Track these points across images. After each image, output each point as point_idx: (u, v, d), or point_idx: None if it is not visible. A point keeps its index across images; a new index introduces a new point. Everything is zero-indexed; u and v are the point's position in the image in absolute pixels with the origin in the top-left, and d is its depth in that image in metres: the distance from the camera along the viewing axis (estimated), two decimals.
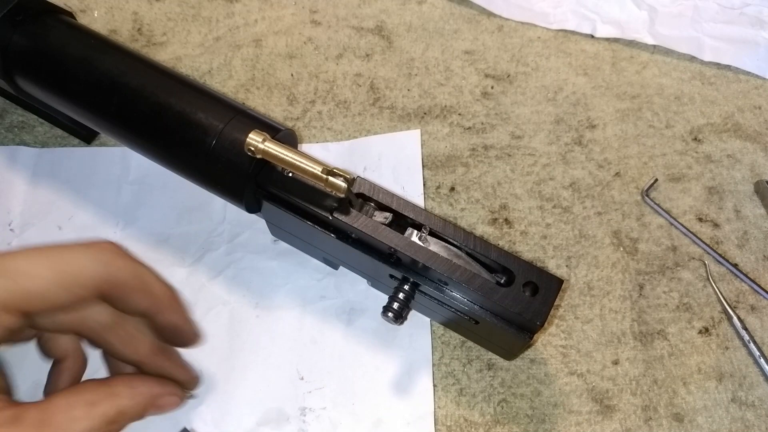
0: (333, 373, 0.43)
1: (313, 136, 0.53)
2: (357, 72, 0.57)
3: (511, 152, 0.52)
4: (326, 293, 0.46)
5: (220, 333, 0.44)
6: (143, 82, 0.41)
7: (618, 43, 0.59)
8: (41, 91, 0.44)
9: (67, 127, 0.52)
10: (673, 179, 0.52)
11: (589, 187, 0.51)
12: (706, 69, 0.58)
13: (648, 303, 0.46)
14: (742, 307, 0.46)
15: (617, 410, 0.42)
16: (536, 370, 0.44)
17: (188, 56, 0.57)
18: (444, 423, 0.42)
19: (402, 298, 0.39)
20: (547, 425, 0.42)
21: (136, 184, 0.50)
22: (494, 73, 0.57)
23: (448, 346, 0.44)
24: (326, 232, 0.39)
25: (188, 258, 0.47)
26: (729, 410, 0.42)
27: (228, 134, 0.38)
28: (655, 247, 0.48)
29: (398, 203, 0.39)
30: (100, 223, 0.48)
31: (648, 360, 0.44)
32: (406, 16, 0.60)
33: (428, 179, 0.51)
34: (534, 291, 0.36)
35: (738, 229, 0.49)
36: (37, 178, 0.50)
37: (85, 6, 0.60)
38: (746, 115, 0.55)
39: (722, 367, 0.44)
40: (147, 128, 0.41)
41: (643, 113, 0.55)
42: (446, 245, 0.38)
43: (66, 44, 0.43)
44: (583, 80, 0.57)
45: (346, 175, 0.35)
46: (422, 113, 0.54)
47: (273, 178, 0.39)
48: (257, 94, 0.55)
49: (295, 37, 0.59)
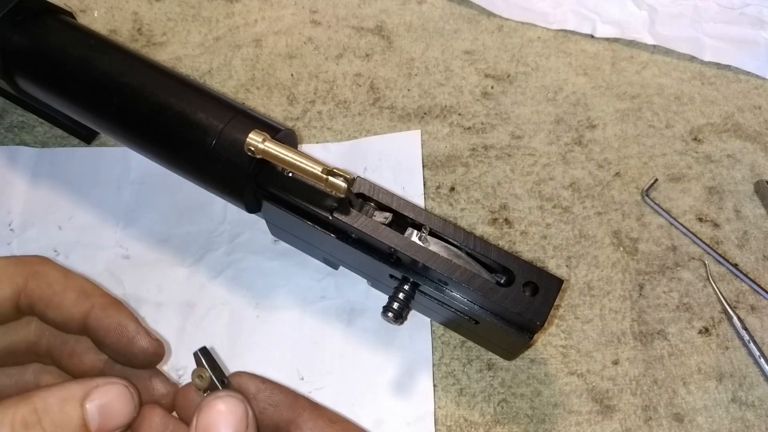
0: (333, 373, 0.43)
1: (313, 136, 0.53)
2: (357, 72, 0.57)
3: (511, 152, 0.52)
4: (326, 293, 0.46)
5: (220, 333, 0.44)
6: (143, 82, 0.41)
7: (618, 43, 0.59)
8: (41, 91, 0.44)
9: (67, 127, 0.52)
10: (673, 179, 0.52)
11: (589, 187, 0.51)
12: (706, 69, 0.58)
13: (648, 303, 0.46)
14: (742, 307, 0.46)
15: (617, 410, 0.42)
16: (536, 370, 0.44)
17: (188, 56, 0.57)
18: (444, 423, 0.42)
19: (402, 298, 0.39)
20: (547, 425, 0.42)
21: (137, 184, 0.50)
22: (494, 73, 0.57)
23: (448, 346, 0.44)
24: (326, 232, 0.39)
25: (188, 258, 0.47)
26: (729, 410, 0.42)
27: (228, 134, 0.38)
28: (655, 247, 0.48)
29: (398, 203, 0.39)
30: (100, 223, 0.48)
31: (648, 360, 0.44)
32: (406, 16, 0.60)
33: (428, 179, 0.51)
34: (534, 291, 0.36)
35: (738, 229, 0.49)
36: (37, 178, 0.50)
37: (85, 6, 0.60)
38: (746, 115, 0.55)
39: (722, 367, 0.44)
40: (147, 128, 0.41)
41: (643, 113, 0.55)
42: (446, 245, 0.38)
43: (66, 44, 0.43)
44: (583, 80, 0.57)
45: (346, 175, 0.35)
46: (422, 113, 0.54)
47: (273, 178, 0.39)
48: (257, 94, 0.55)
49: (295, 37, 0.59)
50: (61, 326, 0.29)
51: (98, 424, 0.24)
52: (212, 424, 0.25)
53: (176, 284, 0.46)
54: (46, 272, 0.29)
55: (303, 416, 0.28)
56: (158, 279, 0.46)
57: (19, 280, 0.28)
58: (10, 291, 0.28)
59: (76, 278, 0.29)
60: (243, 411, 0.26)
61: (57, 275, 0.29)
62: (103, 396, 0.24)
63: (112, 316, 0.29)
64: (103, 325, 0.28)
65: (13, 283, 0.28)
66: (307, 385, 0.43)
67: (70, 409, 0.24)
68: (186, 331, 0.44)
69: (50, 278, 0.29)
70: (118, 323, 0.28)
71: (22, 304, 0.28)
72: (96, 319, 0.28)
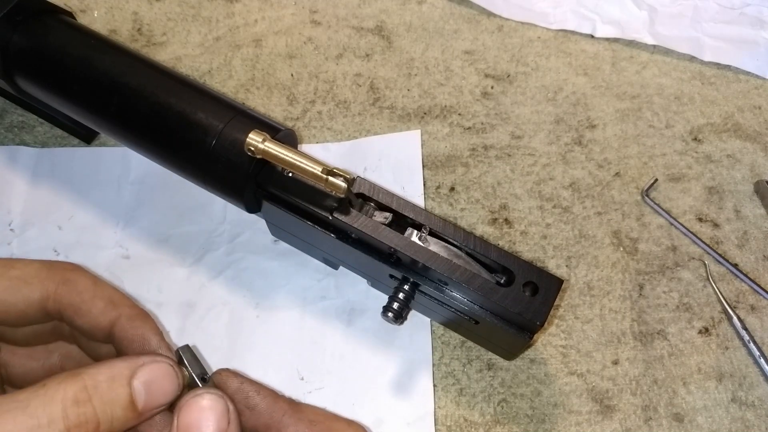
0: (333, 373, 0.43)
1: (313, 136, 0.53)
2: (357, 72, 0.57)
3: (511, 152, 0.52)
4: (326, 293, 0.46)
5: (220, 333, 0.44)
6: (143, 82, 0.41)
7: (618, 43, 0.59)
8: (41, 91, 0.44)
9: (67, 127, 0.52)
10: (673, 179, 0.52)
11: (589, 187, 0.51)
12: (706, 69, 0.58)
13: (648, 303, 0.46)
14: (742, 307, 0.46)
15: (617, 410, 0.42)
16: (536, 370, 0.44)
17: (188, 56, 0.57)
18: (444, 423, 0.42)
19: (402, 298, 0.39)
20: (547, 425, 0.42)
21: (137, 184, 0.50)
22: (494, 73, 0.57)
23: (448, 346, 0.44)
24: (326, 232, 0.39)
25: (188, 258, 0.47)
26: (729, 410, 0.42)
27: (228, 134, 0.38)
28: (655, 247, 0.48)
29: (398, 203, 0.39)
30: (101, 223, 0.48)
31: (648, 360, 0.44)
32: (406, 16, 0.60)
33: (428, 179, 0.51)
34: (534, 291, 0.36)
35: (738, 229, 0.49)
36: (37, 178, 0.50)
37: (85, 6, 0.60)
38: (746, 115, 0.55)
39: (722, 367, 0.44)
40: (147, 128, 0.41)
41: (643, 113, 0.55)
42: (446, 245, 0.38)
43: (66, 44, 0.43)
44: (583, 80, 0.57)
45: (346, 175, 0.35)
46: (422, 113, 0.54)
47: (273, 178, 0.39)
48: (257, 94, 0.55)
49: (295, 37, 0.59)
50: (88, 333, 0.30)
51: (144, 401, 0.25)
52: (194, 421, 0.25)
53: (176, 284, 0.46)
54: (76, 279, 0.29)
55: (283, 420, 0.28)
56: (158, 279, 0.46)
57: (50, 285, 0.29)
58: (39, 295, 0.28)
59: (105, 287, 0.30)
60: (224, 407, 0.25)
61: (87, 283, 0.29)
62: (149, 374, 0.25)
63: (137, 328, 0.29)
64: (127, 336, 0.29)
65: (44, 287, 0.29)
66: (307, 385, 0.43)
67: (118, 387, 0.24)
68: (186, 331, 0.44)
69: (80, 286, 0.29)
70: (142, 336, 0.29)
71: (50, 308, 0.29)
72: (121, 330, 0.29)
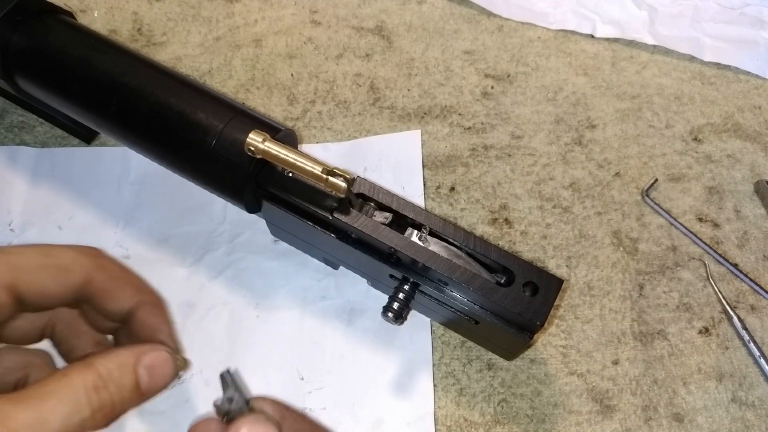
0: (333, 374, 0.43)
1: (313, 136, 0.53)
2: (357, 72, 0.57)
3: (511, 152, 0.52)
4: (326, 293, 0.46)
5: (220, 333, 0.44)
6: (143, 82, 0.41)
7: (618, 43, 0.59)
8: (41, 91, 0.44)
9: (67, 127, 0.52)
10: (673, 179, 0.52)
11: (589, 187, 0.51)
12: (706, 69, 0.58)
13: (648, 303, 0.46)
14: (742, 307, 0.46)
15: (617, 410, 0.42)
16: (536, 370, 0.44)
17: (188, 56, 0.57)
18: (444, 423, 0.42)
19: (402, 298, 0.39)
20: (547, 425, 0.42)
21: (137, 184, 0.50)
22: (494, 73, 0.57)
23: (448, 346, 0.44)
24: (326, 232, 0.39)
25: (188, 258, 0.47)
26: (729, 410, 0.42)
27: (228, 134, 0.38)
28: (655, 247, 0.48)
29: (398, 203, 0.39)
30: (101, 223, 0.48)
31: (648, 360, 0.44)
32: (406, 16, 0.60)
33: (428, 179, 0.51)
34: (534, 291, 0.36)
35: (738, 229, 0.49)
36: (37, 178, 0.50)
37: (85, 6, 0.60)
38: (746, 115, 0.55)
39: (722, 367, 0.44)
40: (147, 128, 0.41)
41: (643, 113, 0.55)
42: (446, 245, 0.38)
43: (66, 44, 0.43)
44: (583, 80, 0.57)
45: (346, 175, 0.35)
46: (422, 113, 0.54)
47: (273, 178, 0.39)
48: (257, 94, 0.55)
49: (295, 37, 0.59)
50: (110, 315, 0.32)
51: (147, 383, 0.28)
52: None
53: (176, 284, 0.46)
54: (108, 265, 0.31)
55: None
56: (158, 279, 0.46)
57: (89, 270, 0.30)
58: (79, 279, 0.30)
59: (130, 273, 0.32)
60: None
61: (117, 269, 0.31)
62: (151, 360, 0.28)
63: (154, 315, 0.32)
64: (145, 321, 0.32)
65: (84, 274, 0.30)
66: (307, 385, 0.43)
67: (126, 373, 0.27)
68: (186, 331, 0.44)
69: (114, 272, 0.31)
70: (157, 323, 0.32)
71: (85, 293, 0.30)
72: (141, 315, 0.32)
